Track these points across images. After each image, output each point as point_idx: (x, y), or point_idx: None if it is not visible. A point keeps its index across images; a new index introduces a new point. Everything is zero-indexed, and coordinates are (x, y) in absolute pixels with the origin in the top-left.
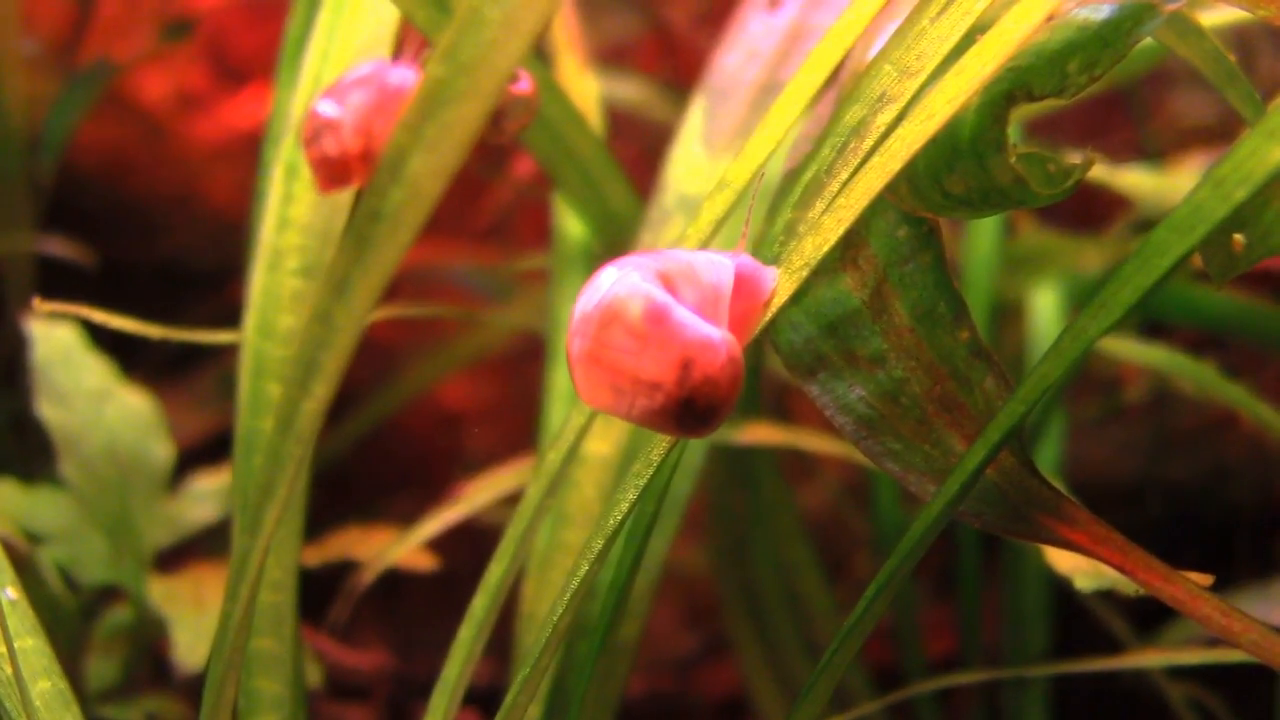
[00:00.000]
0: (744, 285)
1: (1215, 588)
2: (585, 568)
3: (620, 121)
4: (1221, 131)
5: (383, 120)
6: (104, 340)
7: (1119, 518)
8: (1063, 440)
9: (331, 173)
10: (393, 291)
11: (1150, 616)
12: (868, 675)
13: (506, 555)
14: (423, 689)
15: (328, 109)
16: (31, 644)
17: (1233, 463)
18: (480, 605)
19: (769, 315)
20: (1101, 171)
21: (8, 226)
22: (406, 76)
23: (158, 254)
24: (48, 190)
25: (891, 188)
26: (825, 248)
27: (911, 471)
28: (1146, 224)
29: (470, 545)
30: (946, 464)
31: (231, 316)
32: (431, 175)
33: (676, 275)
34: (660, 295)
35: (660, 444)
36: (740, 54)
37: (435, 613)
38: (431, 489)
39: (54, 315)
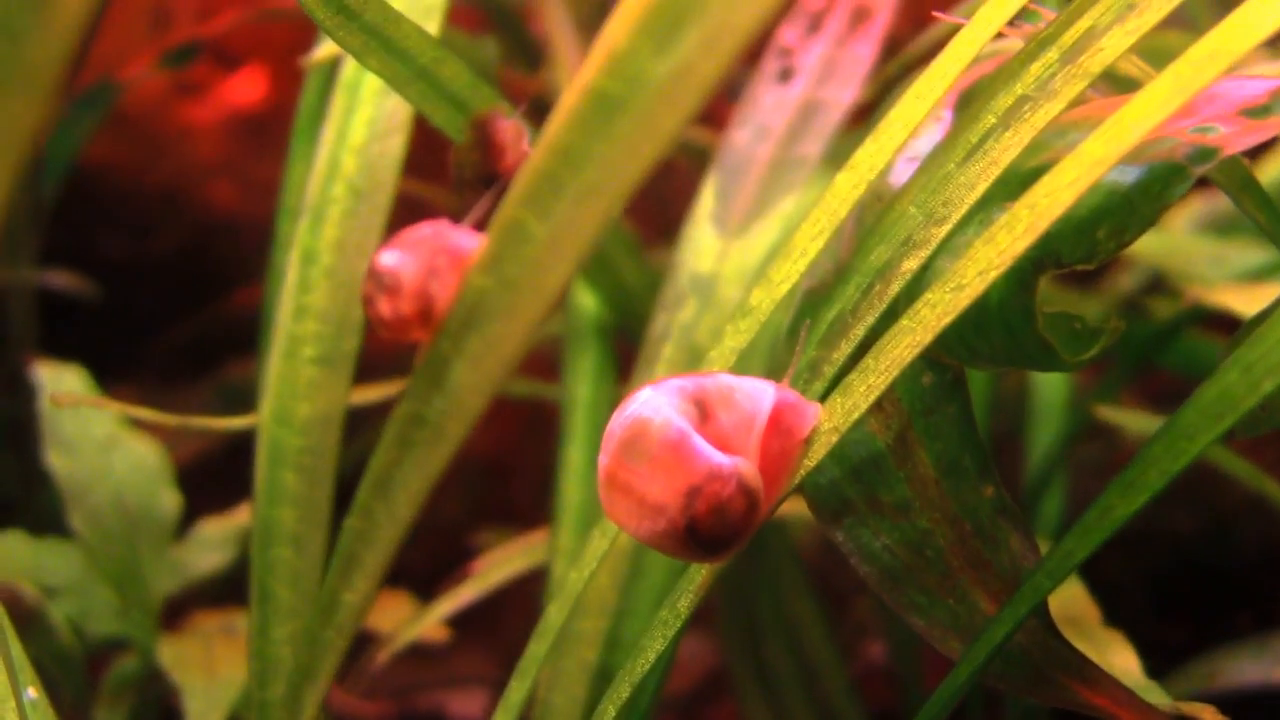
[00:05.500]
0: (784, 419)
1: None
2: (612, 713)
3: None
4: None
5: (440, 284)
6: (104, 342)
7: (1119, 567)
8: (1064, 491)
9: (389, 331)
10: None
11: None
12: (868, 717)
13: (528, 675)
14: None
15: (389, 260)
16: None
17: (1234, 511)
18: None
19: (809, 459)
20: None
21: (10, 257)
22: (466, 242)
23: (158, 253)
24: (50, 216)
25: None
26: (855, 415)
27: (936, 627)
28: (1147, 285)
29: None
30: (971, 621)
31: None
32: (474, 390)
33: (714, 399)
34: (678, 421)
35: (687, 595)
36: (751, 130)
37: (442, 651)
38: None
39: (61, 361)
